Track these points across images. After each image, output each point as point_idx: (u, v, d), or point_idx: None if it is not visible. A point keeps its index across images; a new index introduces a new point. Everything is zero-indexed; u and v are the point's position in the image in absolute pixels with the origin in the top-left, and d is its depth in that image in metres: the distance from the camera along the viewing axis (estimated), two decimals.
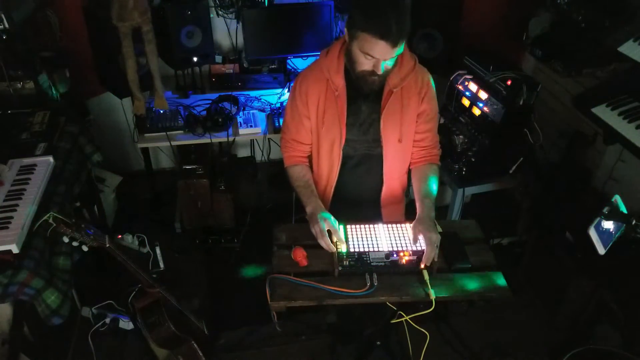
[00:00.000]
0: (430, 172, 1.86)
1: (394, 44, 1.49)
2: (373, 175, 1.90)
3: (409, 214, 1.89)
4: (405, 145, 1.85)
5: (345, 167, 1.87)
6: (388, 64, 1.59)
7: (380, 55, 1.54)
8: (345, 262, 1.64)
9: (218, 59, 3.16)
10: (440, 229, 1.73)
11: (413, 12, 1.54)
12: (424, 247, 1.65)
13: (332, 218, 1.72)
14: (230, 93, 3.08)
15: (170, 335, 2.07)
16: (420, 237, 1.68)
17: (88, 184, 2.66)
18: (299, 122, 1.83)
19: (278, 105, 3.04)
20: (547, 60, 2.54)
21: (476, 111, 2.63)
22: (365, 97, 1.75)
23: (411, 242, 1.71)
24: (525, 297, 2.77)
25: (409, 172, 1.95)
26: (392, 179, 1.91)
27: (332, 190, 1.93)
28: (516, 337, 2.60)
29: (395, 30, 1.47)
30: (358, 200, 1.95)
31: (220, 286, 2.88)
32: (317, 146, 1.86)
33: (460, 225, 1.93)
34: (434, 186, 1.82)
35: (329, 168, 1.88)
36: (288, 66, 3.31)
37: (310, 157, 1.93)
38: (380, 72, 1.59)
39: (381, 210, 1.98)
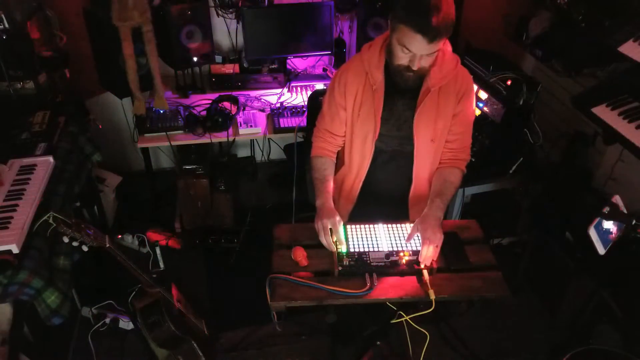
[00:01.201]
0: (451, 175, 1.84)
1: (431, 40, 1.49)
2: (403, 172, 1.89)
3: None
4: (438, 146, 1.83)
5: (376, 162, 1.87)
6: (424, 61, 1.58)
7: (417, 50, 1.53)
8: (345, 262, 1.64)
9: (218, 59, 3.16)
10: None
11: None
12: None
13: (338, 217, 1.72)
14: (230, 93, 3.08)
15: (170, 335, 2.07)
16: (418, 235, 1.68)
17: (88, 184, 2.66)
18: (335, 113, 1.83)
19: (278, 105, 3.04)
20: (547, 60, 2.54)
21: (476, 111, 2.63)
22: (402, 93, 1.74)
23: (405, 239, 1.71)
24: (525, 297, 2.77)
25: None
26: (421, 179, 1.90)
27: (361, 184, 1.92)
28: (516, 337, 2.60)
29: (435, 26, 1.45)
30: (386, 197, 1.95)
31: (220, 286, 2.89)
32: (350, 139, 1.86)
33: (460, 225, 1.93)
34: (449, 189, 1.80)
35: (360, 161, 1.88)
36: (288, 66, 3.31)
37: (341, 151, 1.94)
38: (415, 67, 1.58)
39: (409, 210, 1.97)
